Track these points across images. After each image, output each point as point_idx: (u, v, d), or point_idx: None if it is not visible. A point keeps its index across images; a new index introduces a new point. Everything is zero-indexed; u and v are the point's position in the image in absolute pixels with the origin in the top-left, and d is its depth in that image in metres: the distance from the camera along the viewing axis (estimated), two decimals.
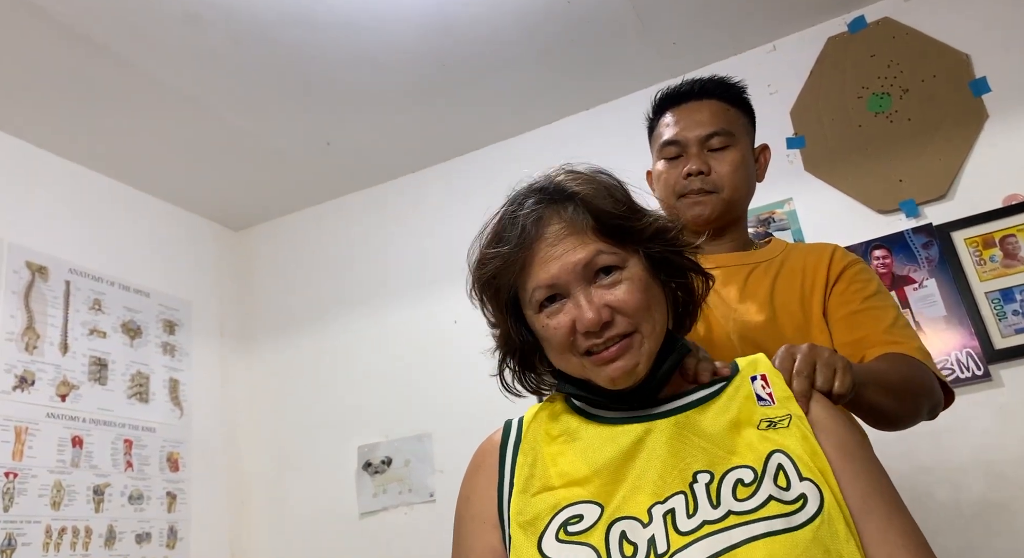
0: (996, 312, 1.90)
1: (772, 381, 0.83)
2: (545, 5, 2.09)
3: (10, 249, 2.22)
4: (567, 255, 0.80)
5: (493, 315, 0.89)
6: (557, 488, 0.80)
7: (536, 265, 0.82)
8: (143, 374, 2.50)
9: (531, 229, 0.82)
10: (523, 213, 0.83)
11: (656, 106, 1.31)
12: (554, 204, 0.83)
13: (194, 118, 2.38)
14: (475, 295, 0.89)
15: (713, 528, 0.71)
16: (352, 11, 2.03)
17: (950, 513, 1.82)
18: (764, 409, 0.81)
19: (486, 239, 0.87)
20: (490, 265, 0.85)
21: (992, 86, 2.04)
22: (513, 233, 0.83)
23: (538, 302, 0.82)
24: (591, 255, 0.80)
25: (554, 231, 0.82)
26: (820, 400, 0.83)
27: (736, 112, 1.26)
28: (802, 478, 0.73)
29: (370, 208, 2.88)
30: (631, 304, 0.80)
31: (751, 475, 0.74)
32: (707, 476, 0.75)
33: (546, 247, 0.81)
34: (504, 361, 0.91)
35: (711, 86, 1.26)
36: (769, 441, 0.77)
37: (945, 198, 2.04)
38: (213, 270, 2.94)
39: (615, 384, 0.81)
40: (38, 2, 1.87)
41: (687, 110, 1.25)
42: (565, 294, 0.81)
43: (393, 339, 2.68)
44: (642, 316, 0.81)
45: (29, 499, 2.07)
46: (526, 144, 2.66)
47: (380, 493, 2.51)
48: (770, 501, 0.72)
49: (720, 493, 0.73)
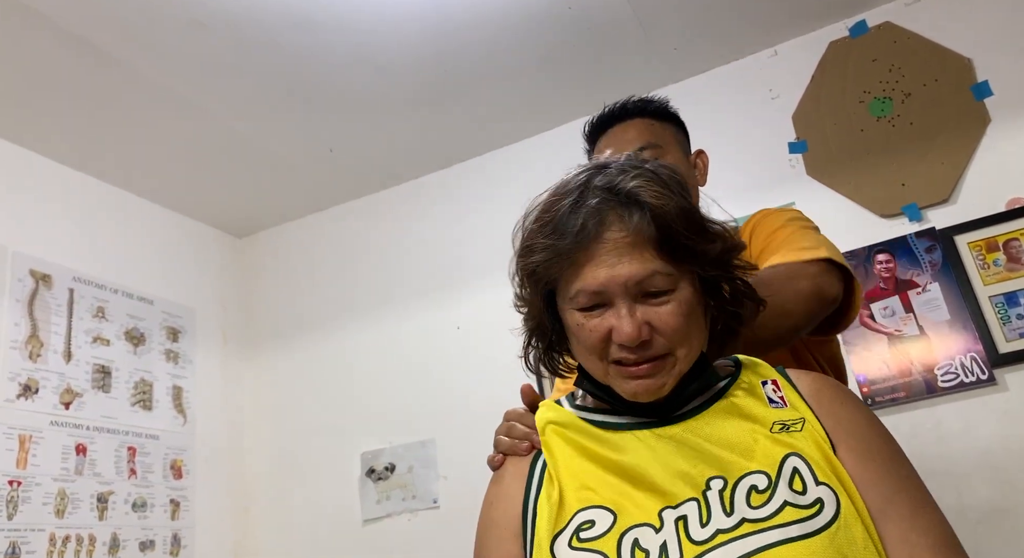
0: (1000, 316, 1.90)
1: (783, 385, 0.83)
2: (547, 11, 2.10)
3: (14, 257, 2.23)
4: (620, 266, 0.76)
5: (528, 299, 0.87)
6: (571, 493, 0.79)
7: (587, 267, 0.77)
8: (146, 381, 2.51)
9: (592, 229, 0.77)
10: (585, 209, 0.78)
11: (588, 137, 1.39)
12: (621, 207, 0.77)
13: (197, 125, 2.39)
14: (516, 275, 0.85)
15: (727, 537, 0.69)
16: (355, 17, 2.03)
17: (955, 519, 1.79)
18: (777, 412, 0.80)
19: (539, 224, 0.81)
20: (539, 255, 0.80)
21: (994, 90, 2.04)
22: (571, 228, 0.77)
23: (580, 303, 0.80)
24: (645, 275, 0.76)
25: (614, 237, 0.77)
26: (837, 396, 0.82)
27: (661, 124, 1.34)
28: (818, 482, 0.72)
29: (373, 214, 2.89)
30: (672, 326, 0.77)
31: (765, 481, 0.73)
32: (720, 482, 0.74)
33: (603, 252, 0.77)
34: (530, 342, 0.90)
35: (632, 107, 1.35)
36: (783, 445, 0.76)
37: (948, 202, 2.03)
38: (216, 277, 2.94)
39: (636, 398, 0.80)
40: (42, 9, 1.88)
41: (616, 132, 1.34)
42: (608, 302, 0.78)
43: (396, 345, 2.68)
44: (680, 340, 0.78)
45: (33, 507, 2.07)
46: (528, 150, 2.66)
47: (384, 499, 2.51)
48: (785, 507, 0.70)
49: (734, 500, 0.72)
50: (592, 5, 2.09)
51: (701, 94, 2.41)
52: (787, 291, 0.99)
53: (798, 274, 1.01)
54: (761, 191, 2.23)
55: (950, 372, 1.90)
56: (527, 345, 0.90)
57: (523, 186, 0.96)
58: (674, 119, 1.37)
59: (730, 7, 2.17)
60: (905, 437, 1.97)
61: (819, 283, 1.01)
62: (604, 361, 0.80)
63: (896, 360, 1.97)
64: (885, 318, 2.01)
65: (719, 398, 0.83)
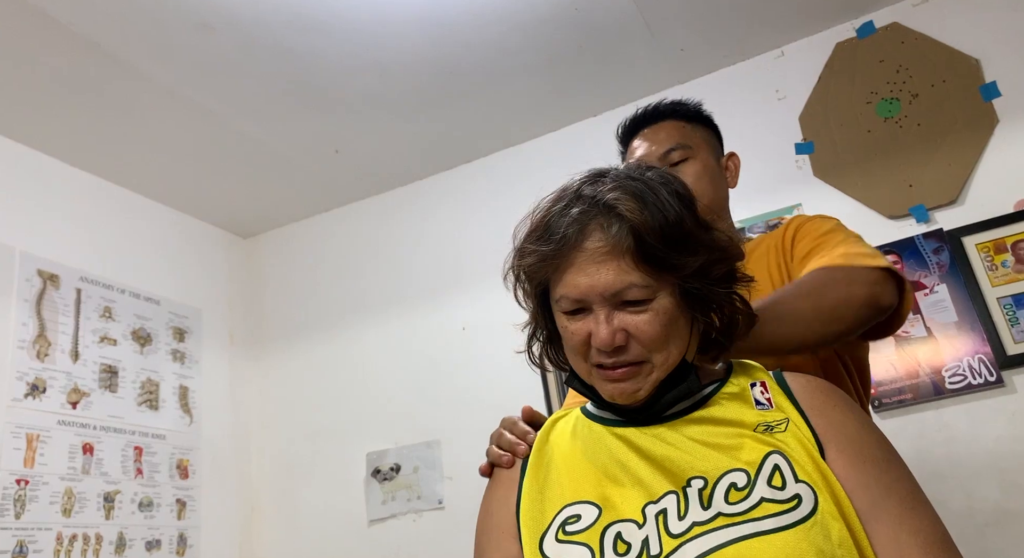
0: (1008, 318, 1.89)
1: (771, 387, 0.84)
2: (553, 12, 2.10)
3: (22, 258, 2.24)
4: (598, 276, 0.78)
5: (525, 300, 0.90)
6: (560, 488, 0.82)
7: (569, 273, 0.80)
8: (153, 381, 2.51)
9: (572, 237, 0.80)
10: (569, 217, 0.80)
11: (622, 139, 1.41)
12: (602, 217, 0.79)
13: (203, 126, 2.40)
14: (510, 277, 0.88)
15: (702, 529, 0.72)
16: (360, 18, 2.04)
17: (964, 521, 1.80)
18: (762, 413, 0.81)
19: (529, 229, 0.85)
20: (528, 258, 0.83)
21: (1002, 91, 2.03)
22: (555, 234, 0.80)
23: (564, 307, 0.82)
24: (622, 286, 0.78)
25: (593, 247, 0.79)
26: (830, 399, 0.83)
27: (692, 127, 1.36)
28: (797, 480, 0.73)
29: (379, 215, 2.89)
30: (649, 335, 0.79)
31: (744, 479, 0.75)
32: (701, 481, 0.76)
33: (583, 260, 0.79)
34: (533, 336, 0.93)
35: (664, 108, 1.37)
36: (766, 443, 0.77)
37: (956, 203, 2.03)
38: (223, 277, 2.95)
39: (614, 400, 0.83)
40: (50, 12, 1.89)
41: (647, 134, 1.36)
42: (589, 308, 0.81)
43: (402, 346, 2.68)
44: (657, 347, 0.80)
45: (40, 506, 2.08)
46: (534, 150, 2.66)
47: (389, 500, 2.51)
48: (762, 502, 0.72)
49: (713, 496, 0.74)
50: (598, 6, 2.09)
51: (707, 95, 2.36)
52: (841, 295, 0.98)
53: (856, 279, 1.01)
54: (768, 192, 2.23)
55: (958, 374, 1.90)
56: (530, 338, 0.93)
57: (528, 187, 0.97)
58: (707, 121, 1.39)
59: (736, 8, 2.17)
60: (912, 439, 1.97)
61: (876, 291, 1.00)
62: (587, 362, 0.83)
63: (903, 362, 1.97)
64: None
65: (706, 402, 0.84)
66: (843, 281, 1.00)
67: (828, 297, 0.95)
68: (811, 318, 0.92)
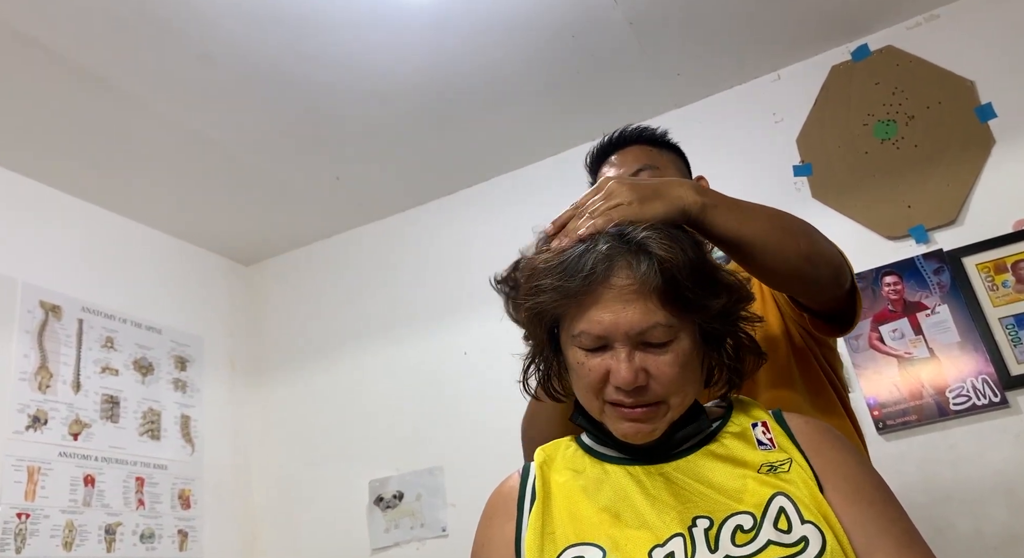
0: (1011, 338, 1.89)
1: (772, 427, 0.85)
2: (549, 38, 2.12)
3: (24, 289, 2.24)
4: (624, 314, 0.77)
5: (532, 333, 0.88)
6: (563, 526, 0.81)
7: (592, 309, 0.79)
8: (155, 411, 2.50)
9: (600, 273, 0.78)
10: (595, 254, 0.78)
11: (590, 168, 1.41)
12: (630, 255, 0.78)
13: (203, 154, 2.41)
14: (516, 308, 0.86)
15: None
16: (359, 47, 2.06)
17: (973, 544, 1.78)
18: (765, 453, 0.82)
19: (549, 265, 0.81)
20: (546, 295, 0.81)
21: (998, 112, 2.05)
22: (578, 270, 0.78)
23: (582, 343, 0.81)
24: (647, 326, 0.77)
25: (621, 283, 0.78)
26: (828, 439, 0.83)
27: (659, 150, 1.37)
28: (804, 521, 0.73)
29: (379, 241, 2.90)
30: (669, 376, 0.79)
31: (751, 521, 0.74)
32: (707, 522, 0.75)
33: (609, 297, 0.78)
34: (529, 368, 0.92)
35: (630, 134, 1.38)
36: (770, 485, 0.77)
37: (955, 224, 2.03)
38: (224, 305, 2.95)
39: (627, 439, 0.82)
40: (50, 44, 1.91)
41: (615, 159, 1.37)
42: (609, 345, 0.80)
43: (403, 372, 2.68)
44: (675, 389, 0.80)
45: (41, 540, 2.06)
46: (533, 175, 2.67)
47: (392, 528, 2.49)
48: (769, 545, 0.72)
49: (719, 538, 0.74)
50: (595, 31, 2.11)
51: (704, 118, 2.42)
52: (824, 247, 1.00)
53: (836, 249, 1.04)
54: None
55: (962, 395, 1.89)
56: (526, 370, 0.92)
57: (528, 211, 0.98)
58: (671, 147, 1.40)
59: (732, 32, 2.19)
60: (918, 462, 1.95)
61: (845, 267, 1.04)
62: (600, 399, 0.82)
63: (907, 383, 1.96)
64: (895, 340, 2.00)
65: (709, 440, 0.84)
66: (828, 241, 1.03)
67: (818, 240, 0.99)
68: (795, 245, 0.94)
